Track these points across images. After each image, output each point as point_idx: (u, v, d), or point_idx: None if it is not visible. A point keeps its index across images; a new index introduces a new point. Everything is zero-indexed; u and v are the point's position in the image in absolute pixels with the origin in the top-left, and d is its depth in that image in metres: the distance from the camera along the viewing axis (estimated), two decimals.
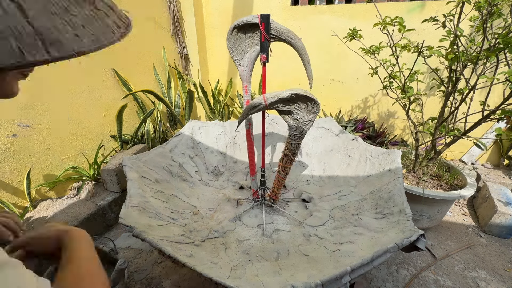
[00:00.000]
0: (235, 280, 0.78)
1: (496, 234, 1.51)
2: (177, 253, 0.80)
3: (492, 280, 1.22)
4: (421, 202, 1.38)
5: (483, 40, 1.26)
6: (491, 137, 2.12)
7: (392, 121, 2.39)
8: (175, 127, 2.33)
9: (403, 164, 1.66)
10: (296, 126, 1.03)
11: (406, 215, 0.94)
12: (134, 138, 1.91)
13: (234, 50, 1.11)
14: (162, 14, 2.21)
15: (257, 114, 1.22)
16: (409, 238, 0.77)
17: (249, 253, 1.04)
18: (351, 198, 1.30)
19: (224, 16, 2.49)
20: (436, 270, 1.27)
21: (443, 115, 1.54)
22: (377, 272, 1.24)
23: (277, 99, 0.96)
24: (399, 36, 1.45)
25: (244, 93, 1.18)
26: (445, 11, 1.36)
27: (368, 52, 1.57)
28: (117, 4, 0.31)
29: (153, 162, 1.33)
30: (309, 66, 1.07)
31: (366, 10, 2.11)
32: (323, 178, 1.57)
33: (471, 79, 1.39)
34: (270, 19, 0.99)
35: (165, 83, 2.28)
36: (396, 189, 1.08)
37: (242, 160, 1.70)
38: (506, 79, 1.11)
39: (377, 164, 1.34)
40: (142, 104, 2.05)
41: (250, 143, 1.28)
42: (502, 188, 1.68)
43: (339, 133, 1.66)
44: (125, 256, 1.30)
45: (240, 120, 1.07)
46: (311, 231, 1.16)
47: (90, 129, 1.69)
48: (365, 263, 0.70)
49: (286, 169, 1.18)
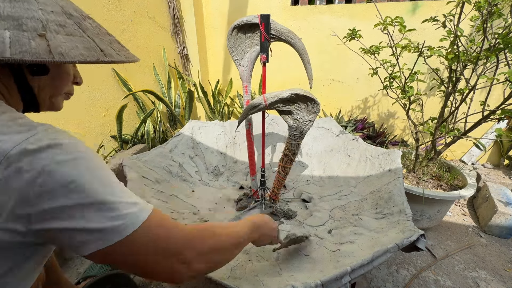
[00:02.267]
0: (235, 280, 0.78)
1: (496, 234, 1.51)
2: None
3: (492, 280, 1.22)
4: (421, 202, 1.38)
5: (483, 40, 1.26)
6: (491, 137, 2.12)
7: (392, 121, 2.39)
8: (175, 127, 2.33)
9: (403, 164, 1.66)
10: (296, 126, 1.03)
11: (406, 215, 0.94)
12: (134, 138, 1.91)
13: (234, 50, 1.11)
14: (162, 14, 2.21)
15: (257, 114, 1.22)
16: (409, 238, 0.76)
17: (249, 253, 1.04)
18: (351, 198, 1.30)
19: (224, 16, 2.49)
20: (436, 270, 1.27)
21: (443, 115, 1.54)
22: (377, 272, 1.24)
23: (277, 99, 0.96)
24: (399, 36, 1.45)
25: (244, 93, 1.18)
26: (445, 11, 1.36)
27: (368, 52, 1.57)
28: (117, 4, 0.33)
29: (153, 162, 1.33)
30: (309, 66, 1.06)
31: (366, 10, 2.11)
32: (323, 178, 1.57)
33: (471, 79, 1.39)
34: (270, 19, 0.99)
35: (165, 83, 2.28)
36: (396, 189, 1.08)
37: (242, 160, 1.70)
38: (506, 79, 1.11)
39: (377, 164, 1.34)
40: (142, 104, 2.05)
41: (250, 143, 1.28)
42: (502, 188, 1.68)
43: (339, 133, 1.66)
44: None
45: (240, 120, 1.07)
46: (311, 231, 1.16)
47: (90, 129, 1.68)
48: (365, 263, 0.70)
49: (286, 169, 1.18)
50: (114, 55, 0.48)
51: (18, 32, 0.39)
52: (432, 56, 1.40)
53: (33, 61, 0.38)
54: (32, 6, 0.42)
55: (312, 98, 0.95)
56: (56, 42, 0.41)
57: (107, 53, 0.46)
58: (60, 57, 0.40)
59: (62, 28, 0.43)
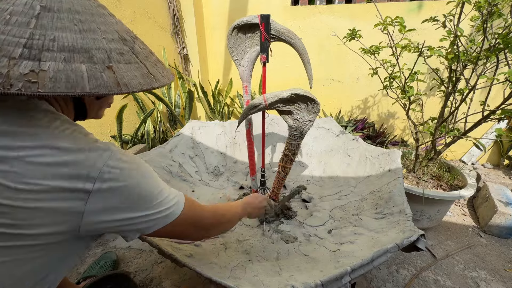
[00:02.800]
0: (235, 280, 0.78)
1: (496, 234, 1.51)
2: (177, 253, 0.80)
3: (492, 280, 1.22)
4: (421, 202, 1.38)
5: (483, 40, 1.26)
6: (491, 137, 2.12)
7: (392, 122, 2.39)
8: (175, 127, 2.33)
9: (403, 164, 1.66)
10: (296, 126, 1.03)
11: (406, 215, 0.94)
12: (134, 138, 1.91)
13: (234, 50, 1.11)
14: (162, 14, 2.21)
15: (257, 114, 1.22)
16: (409, 238, 0.76)
17: (249, 253, 1.04)
18: (351, 198, 1.30)
19: (224, 16, 2.49)
20: (436, 270, 1.27)
21: (443, 115, 1.54)
22: (377, 272, 1.24)
23: (277, 99, 0.96)
24: (399, 36, 1.45)
25: (244, 93, 1.18)
26: (445, 11, 1.36)
27: (368, 52, 1.57)
28: (116, 4, 0.34)
29: (153, 162, 1.33)
30: (309, 66, 1.06)
31: (366, 10, 2.11)
32: (323, 178, 1.57)
33: (471, 79, 1.39)
34: (270, 19, 0.99)
35: None
36: (396, 189, 1.08)
37: (242, 160, 1.70)
38: (506, 79, 1.11)
39: (377, 164, 1.34)
40: (142, 104, 2.05)
41: (250, 143, 1.28)
42: (502, 188, 1.68)
43: (339, 133, 1.66)
44: (125, 256, 1.30)
45: (240, 120, 1.07)
46: (311, 231, 1.16)
47: (90, 129, 1.67)
48: (365, 263, 0.70)
49: (286, 169, 1.18)
50: (160, 78, 0.51)
51: (91, 65, 0.40)
52: (432, 56, 1.40)
53: (107, 94, 0.42)
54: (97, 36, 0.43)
55: (312, 98, 0.95)
56: (121, 73, 0.43)
57: (156, 78, 0.50)
58: (125, 88, 0.43)
59: (122, 57, 0.45)
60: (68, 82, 0.37)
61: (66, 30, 0.40)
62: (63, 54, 0.38)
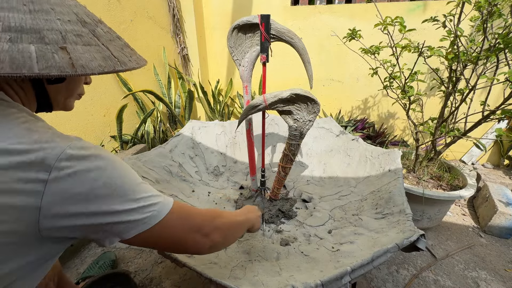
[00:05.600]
0: (235, 280, 0.78)
1: (497, 234, 1.51)
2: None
3: (493, 280, 1.22)
4: (421, 202, 1.38)
5: (483, 40, 1.26)
6: (491, 137, 2.12)
7: (392, 122, 2.39)
8: (175, 127, 2.33)
9: (403, 164, 1.66)
10: (296, 127, 1.03)
11: (406, 215, 0.94)
12: (134, 138, 1.91)
13: (235, 50, 1.11)
14: (162, 14, 2.21)
15: (257, 114, 1.22)
16: (409, 238, 0.76)
17: (249, 253, 1.04)
18: (351, 198, 1.30)
19: (224, 16, 2.49)
20: (436, 270, 1.27)
21: (443, 115, 1.54)
22: (377, 272, 1.24)
23: (277, 99, 0.96)
24: (399, 36, 1.45)
25: (244, 93, 1.18)
26: (445, 11, 1.36)
27: (368, 52, 1.57)
28: (116, 4, 0.34)
29: (153, 162, 1.33)
30: (309, 66, 1.06)
31: (366, 10, 2.11)
32: (323, 178, 1.57)
33: (471, 79, 1.39)
34: (270, 19, 0.99)
35: (165, 83, 2.28)
36: (396, 189, 1.08)
37: (242, 160, 1.70)
38: (506, 79, 1.11)
39: (377, 164, 1.34)
40: (142, 104, 2.05)
41: (250, 143, 1.28)
42: (503, 188, 1.68)
43: (339, 133, 1.66)
44: (125, 256, 1.30)
45: (240, 120, 1.07)
46: (311, 231, 1.16)
47: (90, 129, 1.68)
48: (365, 263, 0.70)
49: (286, 169, 1.18)
50: (127, 62, 0.49)
51: (41, 45, 0.39)
52: (432, 56, 1.40)
53: (58, 75, 0.39)
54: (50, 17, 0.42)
55: (312, 98, 0.95)
56: (77, 54, 0.42)
57: (121, 61, 0.48)
58: (81, 70, 0.41)
59: (80, 38, 0.44)
60: (13, 63, 0.36)
61: (13, 10, 0.39)
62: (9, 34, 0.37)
